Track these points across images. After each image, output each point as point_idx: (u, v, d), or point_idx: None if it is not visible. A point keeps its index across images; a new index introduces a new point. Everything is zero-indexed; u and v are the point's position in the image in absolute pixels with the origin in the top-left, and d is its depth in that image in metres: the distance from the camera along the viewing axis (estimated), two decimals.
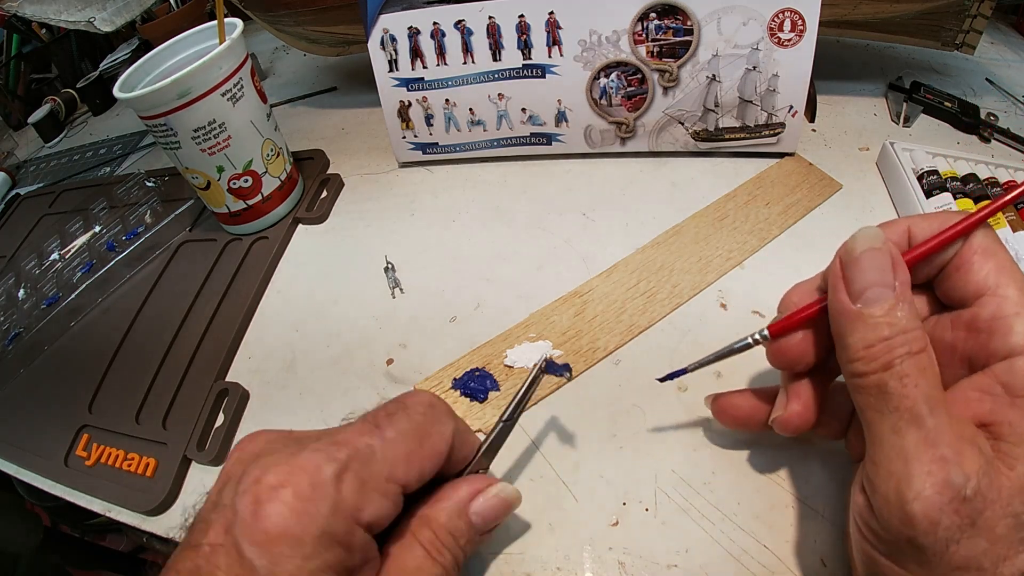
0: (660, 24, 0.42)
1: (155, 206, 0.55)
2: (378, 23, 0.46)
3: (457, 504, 0.23)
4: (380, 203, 0.50)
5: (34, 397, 0.44)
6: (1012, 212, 0.36)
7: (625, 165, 0.48)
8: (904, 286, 0.20)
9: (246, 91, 0.44)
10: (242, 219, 0.48)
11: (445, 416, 0.24)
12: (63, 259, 0.53)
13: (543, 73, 0.46)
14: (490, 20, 0.44)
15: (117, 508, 0.35)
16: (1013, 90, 0.50)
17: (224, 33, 0.44)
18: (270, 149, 0.47)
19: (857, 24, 0.47)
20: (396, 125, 0.51)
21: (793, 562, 0.26)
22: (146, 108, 0.40)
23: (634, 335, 0.36)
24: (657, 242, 0.41)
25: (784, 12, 0.40)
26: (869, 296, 0.20)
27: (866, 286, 0.20)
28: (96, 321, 0.48)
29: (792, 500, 0.28)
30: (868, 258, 0.21)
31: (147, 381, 0.41)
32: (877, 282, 0.20)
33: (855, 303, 0.20)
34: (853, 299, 0.20)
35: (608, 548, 0.28)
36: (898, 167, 0.40)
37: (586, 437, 0.32)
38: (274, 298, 0.45)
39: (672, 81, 0.44)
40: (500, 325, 0.38)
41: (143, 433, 0.38)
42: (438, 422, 0.23)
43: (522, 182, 0.49)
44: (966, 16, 0.44)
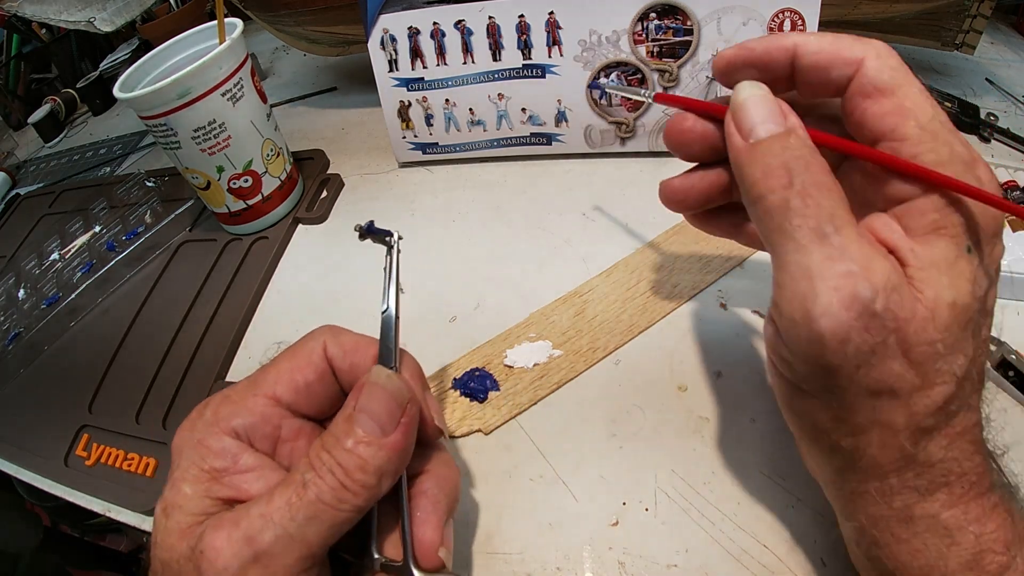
0: (660, 24, 0.42)
1: (155, 206, 0.56)
2: (378, 23, 0.46)
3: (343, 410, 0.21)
4: (380, 203, 0.50)
5: (34, 397, 0.44)
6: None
7: (625, 165, 0.48)
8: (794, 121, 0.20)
9: (246, 91, 0.44)
10: (242, 219, 0.48)
11: (319, 332, 0.25)
12: (63, 259, 0.53)
13: (543, 73, 0.46)
14: (490, 20, 0.44)
15: (117, 508, 0.35)
16: (1013, 90, 0.50)
17: (224, 33, 0.44)
18: (270, 149, 0.47)
19: (857, 24, 0.47)
20: (396, 125, 0.51)
21: (793, 562, 0.26)
22: (146, 108, 0.40)
23: (634, 335, 0.36)
24: (657, 242, 0.41)
25: (784, 12, 0.40)
26: (759, 131, 0.20)
27: (755, 123, 0.20)
28: (96, 321, 0.48)
29: (792, 500, 0.28)
30: (752, 102, 0.21)
31: (147, 381, 0.41)
32: (765, 118, 0.20)
33: (748, 140, 0.20)
34: (745, 137, 0.20)
35: (608, 548, 0.28)
36: None
37: (586, 437, 0.32)
38: (274, 298, 0.45)
39: (672, 81, 0.44)
40: (500, 325, 0.38)
41: (143, 433, 0.38)
42: (309, 339, 0.24)
43: (522, 182, 0.49)
44: (966, 16, 0.44)
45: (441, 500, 0.23)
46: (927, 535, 0.19)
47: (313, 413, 0.24)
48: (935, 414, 0.18)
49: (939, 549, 0.18)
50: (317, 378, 0.24)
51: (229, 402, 0.23)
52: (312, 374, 0.24)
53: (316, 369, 0.24)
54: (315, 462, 0.20)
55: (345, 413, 0.21)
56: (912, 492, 0.19)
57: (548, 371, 0.35)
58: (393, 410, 0.21)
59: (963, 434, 0.19)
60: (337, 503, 0.19)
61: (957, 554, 0.18)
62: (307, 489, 0.19)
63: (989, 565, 0.18)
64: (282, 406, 0.23)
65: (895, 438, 0.18)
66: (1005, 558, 0.18)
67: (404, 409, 0.21)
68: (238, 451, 0.22)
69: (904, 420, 0.18)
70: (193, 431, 0.22)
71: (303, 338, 0.25)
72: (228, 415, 0.22)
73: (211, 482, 0.21)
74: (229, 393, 0.23)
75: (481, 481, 0.31)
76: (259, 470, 0.22)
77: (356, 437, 0.20)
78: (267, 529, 0.19)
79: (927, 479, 0.18)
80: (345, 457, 0.20)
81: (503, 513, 0.30)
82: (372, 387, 0.21)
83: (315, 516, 0.19)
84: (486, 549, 0.29)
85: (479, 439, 0.33)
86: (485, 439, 0.33)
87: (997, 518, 0.19)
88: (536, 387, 0.34)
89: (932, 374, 0.18)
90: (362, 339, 0.25)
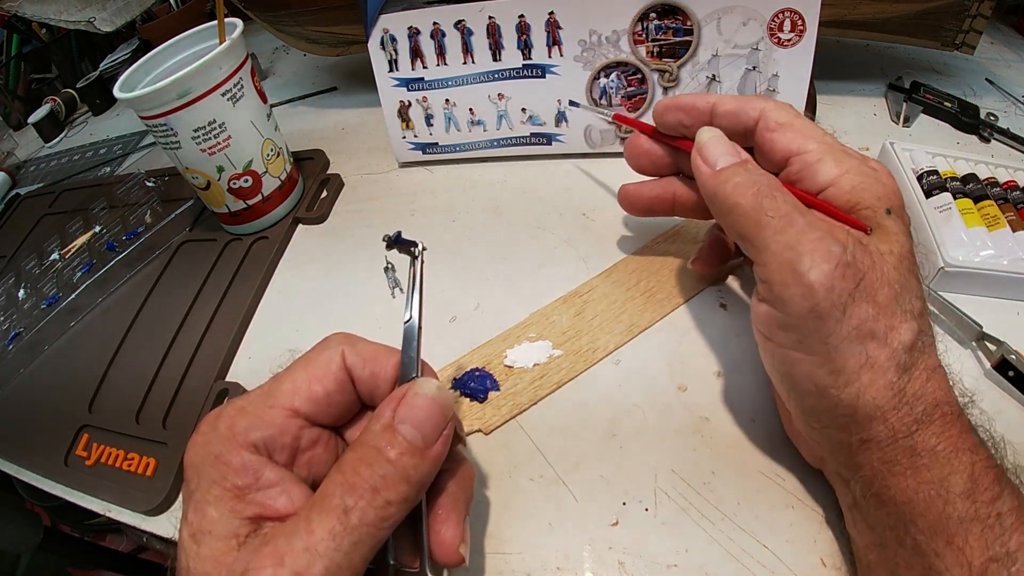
0: (660, 24, 0.42)
1: (155, 206, 0.56)
2: (378, 23, 0.46)
3: (377, 419, 0.21)
4: (380, 203, 0.50)
5: (34, 397, 0.44)
6: (1012, 212, 0.36)
7: (625, 165, 0.48)
8: (746, 155, 0.27)
9: (246, 91, 0.44)
10: (242, 219, 0.48)
11: (335, 341, 0.24)
12: (63, 259, 0.53)
13: (543, 73, 0.46)
14: (490, 20, 0.44)
15: (117, 508, 0.35)
16: (1013, 90, 0.50)
17: (224, 33, 0.44)
18: (270, 149, 0.47)
19: (857, 24, 0.47)
20: (396, 125, 0.51)
21: (793, 562, 0.26)
22: (146, 108, 0.40)
23: (634, 335, 0.36)
24: (657, 242, 0.41)
25: (784, 12, 0.40)
26: (721, 161, 0.27)
27: (718, 156, 0.27)
28: (96, 321, 0.48)
29: (792, 500, 0.28)
30: (713, 142, 0.28)
31: (147, 381, 0.41)
32: (725, 152, 0.27)
33: (715, 167, 0.27)
34: (712, 166, 0.27)
35: (608, 548, 0.28)
36: (898, 167, 0.40)
37: (586, 437, 0.32)
38: (274, 298, 0.45)
39: (672, 81, 0.44)
40: (500, 325, 0.38)
41: (143, 433, 0.38)
42: (326, 347, 0.24)
43: (522, 182, 0.49)
44: (966, 16, 0.44)
45: (460, 497, 0.23)
46: (931, 464, 0.21)
47: (331, 422, 0.24)
48: (909, 350, 0.22)
49: (941, 476, 0.21)
50: (336, 388, 0.23)
51: (245, 414, 0.22)
52: (331, 384, 0.23)
53: (335, 379, 0.23)
54: (354, 480, 0.19)
55: (382, 422, 0.21)
56: (912, 423, 0.21)
57: (548, 371, 0.35)
58: (439, 422, 0.21)
59: (935, 369, 0.22)
60: (380, 523, 0.19)
61: (956, 482, 0.20)
62: (349, 516, 0.19)
63: (983, 494, 0.20)
64: (300, 417, 0.23)
65: (884, 376, 0.22)
66: (997, 488, 0.20)
67: (448, 423, 0.22)
68: (260, 466, 0.21)
69: (886, 357, 0.22)
70: (208, 446, 0.21)
71: (318, 346, 0.24)
72: (245, 428, 0.22)
73: (235, 501, 0.20)
74: (243, 405, 0.23)
75: (481, 481, 0.31)
76: (281, 484, 0.21)
77: (400, 448, 0.20)
78: (315, 563, 0.18)
79: (920, 409, 0.22)
80: (388, 469, 0.20)
81: (503, 513, 0.30)
82: (421, 398, 0.21)
83: (360, 541, 0.19)
84: (486, 549, 0.29)
85: (479, 439, 0.33)
86: (485, 439, 0.33)
87: (984, 451, 0.21)
88: (536, 387, 0.34)
89: (898, 314, 0.22)
90: (380, 348, 0.24)
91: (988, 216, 0.36)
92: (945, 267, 0.34)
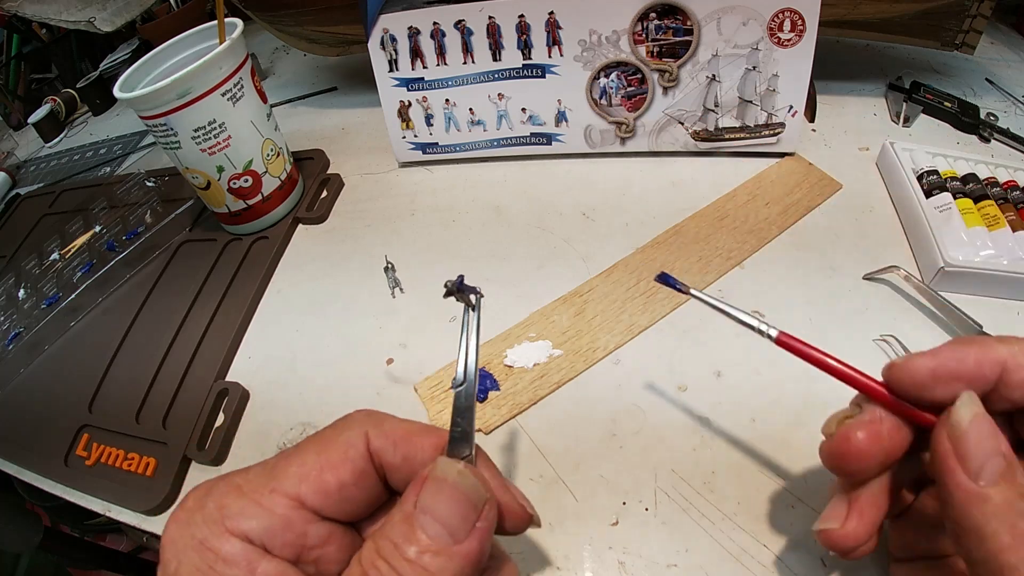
0: (660, 24, 0.42)
1: (155, 206, 0.55)
2: (378, 23, 0.46)
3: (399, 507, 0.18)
4: (380, 203, 0.50)
5: (34, 397, 0.44)
6: (1012, 212, 0.36)
7: (625, 165, 0.48)
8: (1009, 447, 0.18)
9: (246, 91, 0.44)
10: (242, 219, 0.48)
11: (357, 421, 0.20)
12: (63, 259, 0.53)
13: (543, 73, 0.46)
14: (490, 20, 0.44)
15: (117, 508, 0.35)
16: (1013, 90, 0.50)
17: (224, 33, 0.44)
18: (270, 149, 0.47)
19: (857, 24, 0.47)
20: (396, 125, 0.51)
21: (793, 562, 0.26)
22: (146, 108, 0.40)
23: (634, 335, 0.36)
24: (657, 242, 0.41)
25: (784, 12, 0.40)
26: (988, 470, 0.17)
27: (983, 460, 0.17)
28: (96, 321, 0.48)
29: (792, 500, 0.28)
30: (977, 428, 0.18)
31: (147, 381, 0.41)
32: (991, 451, 0.17)
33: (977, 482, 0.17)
34: (973, 477, 0.17)
35: (608, 548, 0.28)
36: (898, 167, 0.40)
37: (586, 437, 0.32)
38: (274, 298, 0.45)
39: (672, 81, 0.44)
40: (500, 325, 0.38)
41: (143, 433, 0.38)
42: (345, 428, 0.20)
43: (522, 182, 0.49)
44: (966, 16, 0.44)
45: None
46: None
47: (346, 518, 0.20)
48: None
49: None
50: (354, 480, 0.19)
51: (239, 495, 0.18)
52: (348, 474, 0.19)
53: (353, 468, 0.19)
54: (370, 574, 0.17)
55: (403, 512, 0.18)
56: None
57: (548, 371, 0.35)
58: (467, 513, 0.18)
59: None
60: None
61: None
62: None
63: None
64: (307, 510, 0.19)
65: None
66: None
67: (481, 511, 0.18)
68: (254, 558, 0.18)
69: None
70: (191, 526, 0.18)
71: (336, 425, 0.20)
72: (237, 513, 0.18)
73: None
74: (240, 483, 0.19)
75: None
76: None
77: (421, 545, 0.17)
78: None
79: None
80: (407, 569, 0.17)
81: None
82: (439, 484, 0.18)
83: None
84: None
85: (479, 439, 0.33)
86: (485, 439, 0.33)
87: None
88: (536, 387, 0.34)
89: None
90: (414, 426, 0.21)
91: (988, 216, 0.36)
92: (945, 267, 0.34)
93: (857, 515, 0.21)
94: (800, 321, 0.35)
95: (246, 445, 0.36)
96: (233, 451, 0.36)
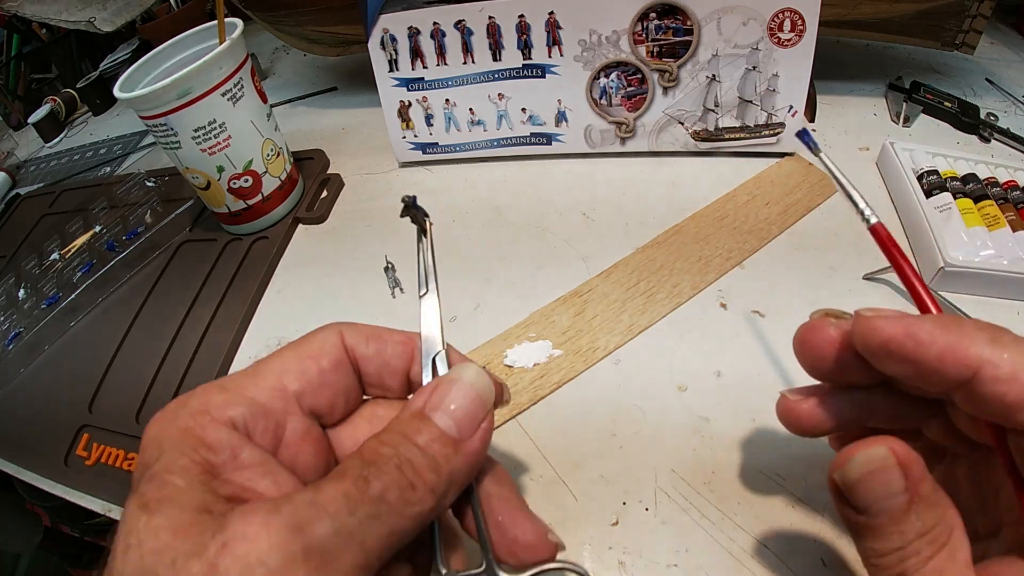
0: (660, 24, 0.42)
1: (155, 206, 0.55)
2: (378, 23, 0.46)
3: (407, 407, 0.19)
4: (380, 203, 0.50)
5: (34, 397, 0.44)
6: (1012, 212, 0.36)
7: (625, 165, 0.48)
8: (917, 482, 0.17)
9: (246, 91, 0.44)
10: (242, 219, 0.48)
11: (329, 326, 0.22)
12: (63, 259, 0.53)
13: (543, 73, 0.46)
14: (490, 20, 0.44)
15: (117, 508, 0.35)
16: (1013, 90, 0.50)
17: (224, 33, 0.44)
18: (270, 149, 0.47)
19: (857, 24, 0.47)
20: (396, 125, 0.51)
21: (793, 562, 0.26)
22: (146, 108, 0.40)
23: (634, 335, 0.36)
24: (657, 242, 0.41)
25: (784, 12, 0.40)
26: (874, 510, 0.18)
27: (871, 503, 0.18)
28: (96, 321, 0.48)
29: (792, 500, 0.28)
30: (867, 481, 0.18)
31: (147, 381, 0.41)
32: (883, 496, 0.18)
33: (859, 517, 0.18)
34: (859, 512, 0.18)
35: (608, 548, 0.28)
36: (898, 167, 0.40)
37: (586, 437, 0.32)
38: (274, 298, 0.45)
39: (672, 81, 0.44)
40: (500, 325, 0.38)
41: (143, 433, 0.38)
42: (320, 331, 0.21)
43: (522, 182, 0.49)
44: (966, 16, 0.44)
45: (509, 495, 0.21)
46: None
47: (324, 410, 0.21)
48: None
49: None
50: (332, 367, 0.20)
51: (222, 391, 0.19)
52: (327, 362, 0.20)
53: (331, 357, 0.21)
54: (374, 457, 0.17)
55: (413, 409, 0.18)
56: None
57: (548, 371, 0.35)
58: (476, 412, 0.19)
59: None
60: (402, 505, 0.16)
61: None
62: (368, 484, 0.16)
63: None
64: (289, 398, 0.20)
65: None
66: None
67: (486, 414, 0.19)
68: (238, 443, 0.18)
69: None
70: (175, 420, 0.18)
71: (309, 332, 0.21)
72: (221, 404, 0.18)
73: (208, 475, 0.17)
74: (223, 382, 0.19)
75: None
76: (265, 466, 0.18)
77: (431, 435, 0.18)
78: (320, 520, 0.15)
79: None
80: (415, 453, 0.17)
81: None
82: (458, 384, 0.19)
83: (377, 516, 0.16)
84: None
85: None
86: None
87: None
88: (536, 387, 0.34)
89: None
90: (383, 328, 0.22)
91: (988, 216, 0.36)
92: (945, 267, 0.34)
93: (819, 402, 0.21)
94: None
95: None
96: None
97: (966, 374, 0.17)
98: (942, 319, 0.18)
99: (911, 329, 0.17)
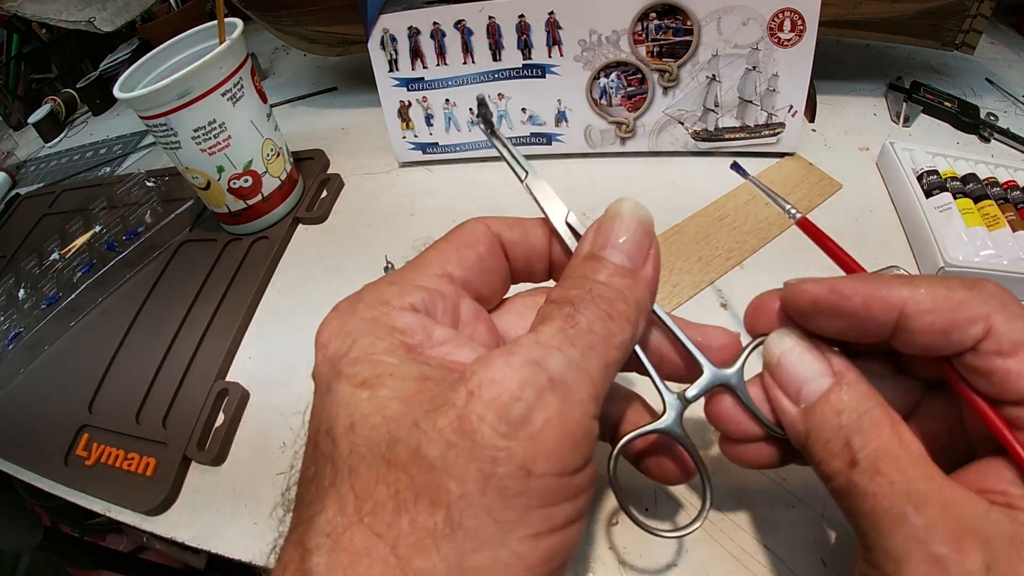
0: (660, 24, 0.42)
1: (155, 206, 0.55)
2: (378, 23, 0.46)
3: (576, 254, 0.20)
4: (380, 203, 0.50)
5: (34, 397, 0.44)
6: (1012, 212, 0.36)
7: (625, 165, 0.48)
8: (845, 368, 0.19)
9: (246, 91, 0.44)
10: (242, 219, 0.48)
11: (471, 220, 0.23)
12: (63, 259, 0.53)
13: (543, 73, 0.46)
14: (490, 20, 0.44)
15: (117, 508, 0.35)
16: (1013, 90, 0.50)
17: (224, 33, 0.44)
18: (270, 149, 0.47)
19: (857, 24, 0.47)
20: (396, 125, 0.51)
21: (793, 562, 0.26)
22: (146, 108, 0.40)
23: None
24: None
25: (784, 12, 0.40)
26: (807, 391, 0.19)
27: (800, 383, 0.19)
28: (96, 321, 0.48)
29: (792, 500, 0.28)
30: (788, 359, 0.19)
31: (147, 381, 0.41)
32: (809, 376, 0.19)
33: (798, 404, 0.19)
34: (794, 400, 0.19)
35: (608, 548, 0.28)
36: (898, 167, 0.40)
37: None
38: (274, 298, 0.45)
39: (672, 81, 0.44)
40: None
41: (143, 433, 0.38)
42: (465, 224, 0.22)
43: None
44: (966, 16, 0.44)
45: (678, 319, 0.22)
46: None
47: (486, 293, 0.22)
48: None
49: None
50: (487, 252, 0.21)
51: (392, 284, 0.19)
52: (483, 248, 0.21)
53: (485, 243, 0.21)
54: (566, 299, 0.17)
55: (584, 253, 0.19)
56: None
57: None
58: (643, 241, 0.19)
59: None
60: (608, 336, 0.17)
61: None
62: (577, 319, 0.16)
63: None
64: (456, 283, 0.20)
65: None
66: None
67: (652, 240, 0.20)
68: (428, 324, 0.18)
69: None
70: (357, 312, 0.18)
71: (457, 225, 0.22)
72: (397, 293, 0.19)
73: (412, 353, 0.17)
74: (389, 277, 0.20)
75: None
76: (458, 340, 0.18)
77: (609, 271, 0.18)
78: (551, 355, 0.15)
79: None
80: (602, 289, 0.18)
81: None
82: (619, 219, 0.20)
83: (592, 347, 0.16)
84: None
85: None
86: None
87: None
88: None
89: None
90: (517, 217, 0.23)
91: (988, 216, 0.36)
92: (945, 267, 0.34)
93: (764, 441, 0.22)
94: None
95: (246, 445, 0.36)
96: (233, 451, 0.36)
97: (892, 315, 0.17)
98: (863, 276, 0.20)
99: (835, 286, 0.18)
